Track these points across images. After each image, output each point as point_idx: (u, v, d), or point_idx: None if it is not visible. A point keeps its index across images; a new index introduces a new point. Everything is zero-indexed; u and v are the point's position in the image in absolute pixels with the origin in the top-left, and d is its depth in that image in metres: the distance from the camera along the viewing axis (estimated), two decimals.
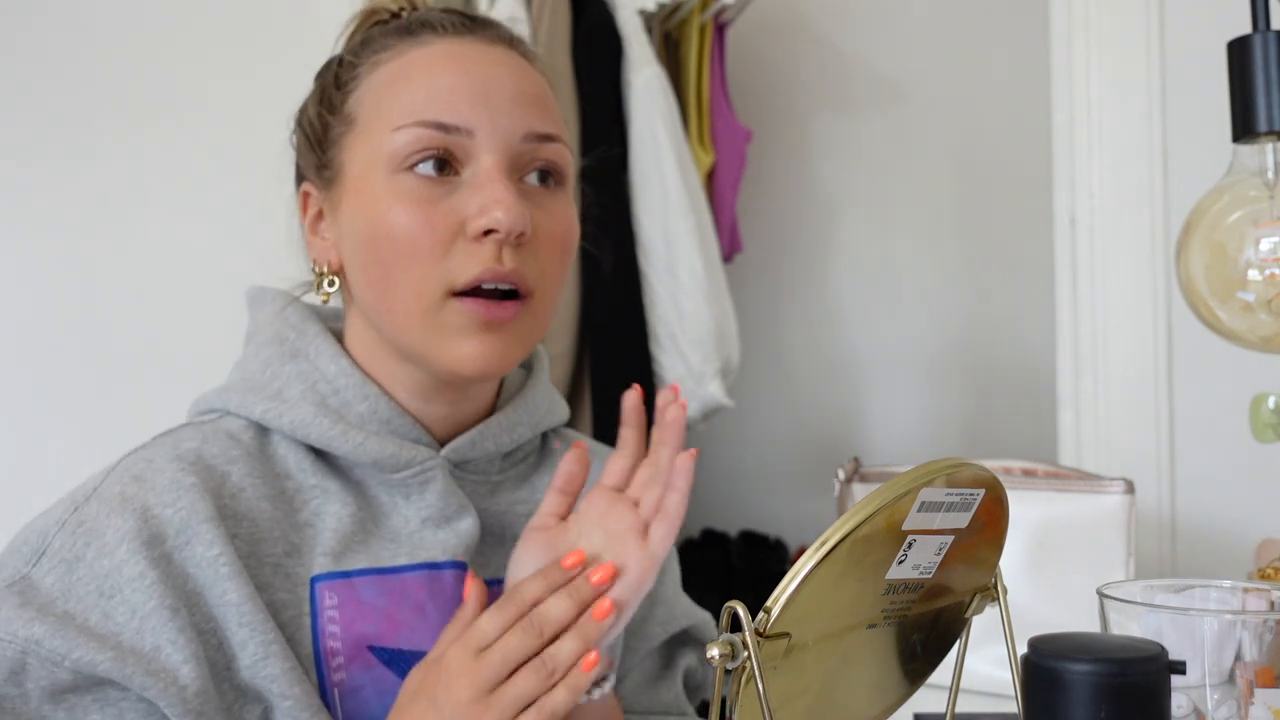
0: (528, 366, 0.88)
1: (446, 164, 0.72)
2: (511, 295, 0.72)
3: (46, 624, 0.63)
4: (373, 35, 0.78)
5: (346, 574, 0.72)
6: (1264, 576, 0.91)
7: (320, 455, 0.75)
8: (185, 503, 0.68)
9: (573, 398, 1.70)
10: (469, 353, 0.72)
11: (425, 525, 0.76)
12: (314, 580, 0.71)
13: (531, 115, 0.74)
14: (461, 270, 0.71)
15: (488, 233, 0.71)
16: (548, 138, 0.75)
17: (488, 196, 0.71)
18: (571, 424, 1.69)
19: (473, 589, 0.70)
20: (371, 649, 0.72)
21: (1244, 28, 0.77)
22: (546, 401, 0.86)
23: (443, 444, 0.78)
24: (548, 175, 0.76)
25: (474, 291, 0.71)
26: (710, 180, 1.92)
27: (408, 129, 0.71)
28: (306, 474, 0.74)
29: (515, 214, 0.70)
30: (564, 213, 0.77)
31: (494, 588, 0.77)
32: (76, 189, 1.63)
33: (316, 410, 0.74)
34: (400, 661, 0.72)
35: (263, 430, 0.75)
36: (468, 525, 0.77)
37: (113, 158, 1.64)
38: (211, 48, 1.68)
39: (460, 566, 0.75)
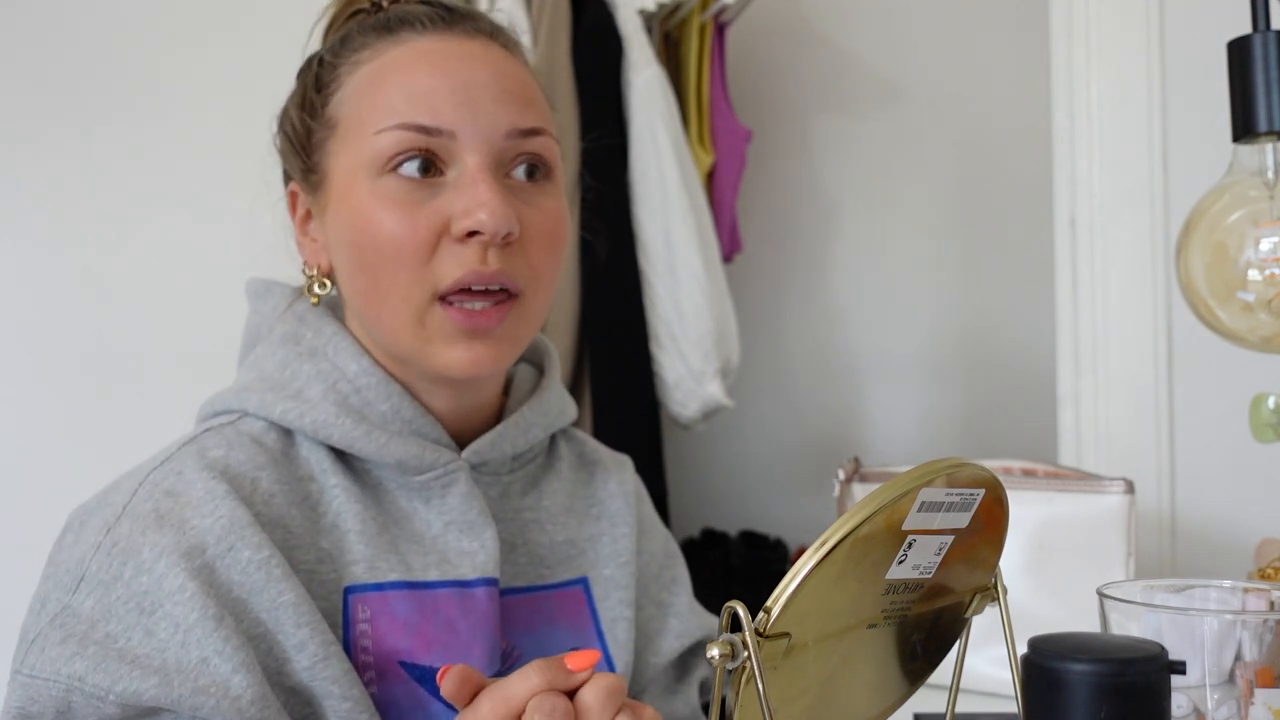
0: (539, 367, 0.88)
1: (430, 166, 0.71)
2: (500, 294, 0.72)
3: (88, 658, 0.61)
4: (351, 33, 0.76)
5: (379, 586, 0.71)
6: (1264, 576, 0.91)
7: (340, 456, 0.74)
8: (224, 510, 0.66)
9: (572, 397, 1.71)
10: (458, 358, 0.72)
11: (449, 529, 0.75)
12: (347, 591, 0.70)
13: (514, 111, 0.73)
14: (447, 272, 0.70)
15: (472, 234, 0.70)
16: (532, 132, 0.73)
17: (472, 198, 0.70)
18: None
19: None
20: (403, 664, 0.71)
21: (1244, 28, 0.77)
22: (559, 403, 0.85)
23: (455, 442, 0.77)
24: (534, 169, 0.74)
25: (461, 293, 0.71)
26: (710, 180, 1.92)
27: (389, 132, 0.71)
28: (328, 475, 0.73)
29: (500, 216, 0.69)
30: (552, 207, 0.75)
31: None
32: (76, 188, 1.64)
33: (338, 411, 0.73)
34: (431, 679, 0.71)
35: (285, 431, 0.74)
36: (491, 537, 0.75)
37: (112, 157, 1.64)
38: (211, 46, 1.68)
39: (491, 583, 0.74)
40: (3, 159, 1.61)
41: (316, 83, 0.76)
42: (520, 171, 0.74)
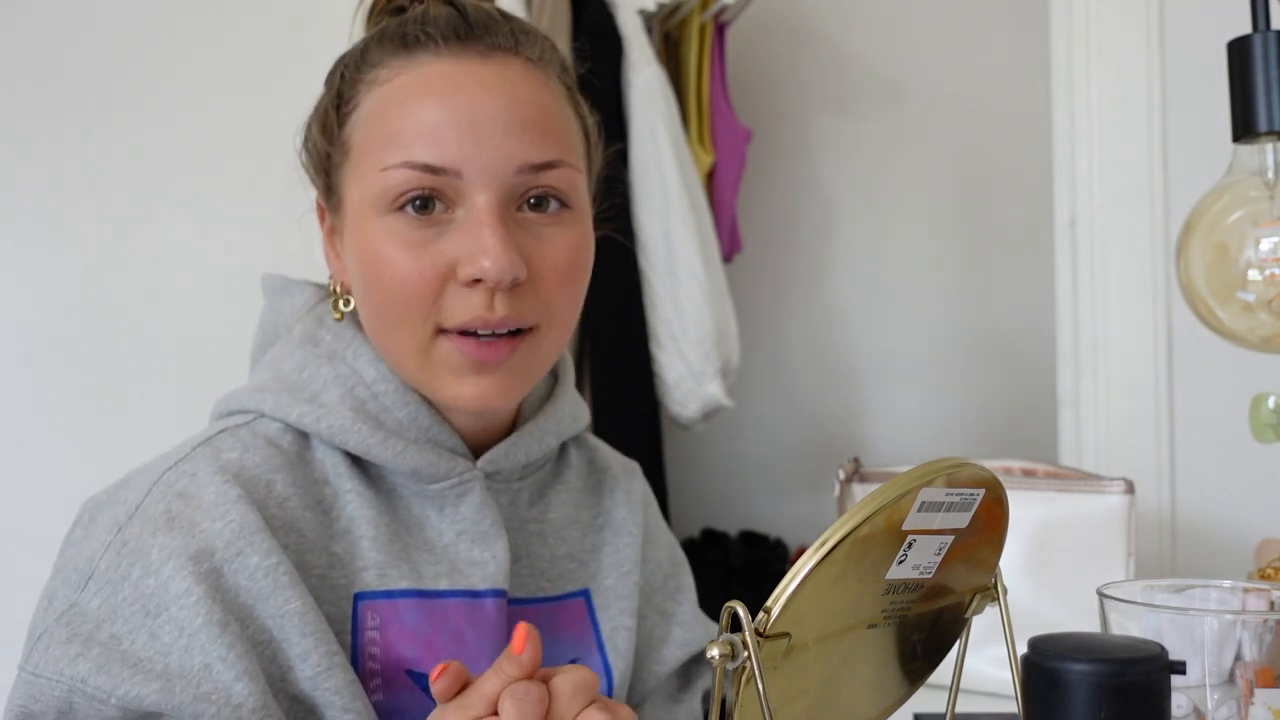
0: (554, 374, 0.87)
1: (438, 202, 0.70)
2: (509, 334, 0.71)
3: (91, 659, 0.61)
4: (371, 46, 0.74)
5: (389, 594, 0.70)
6: (1264, 576, 0.91)
7: (356, 461, 0.73)
8: (235, 515, 0.66)
9: None
10: (466, 392, 0.71)
11: (460, 539, 0.74)
12: (357, 597, 0.70)
13: (527, 144, 0.70)
14: (452, 314, 0.69)
15: (478, 280, 0.69)
16: (546, 166, 0.71)
17: (475, 244, 0.68)
18: None
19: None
20: (409, 673, 0.70)
21: (1244, 28, 0.77)
22: (572, 410, 0.84)
23: (471, 450, 0.77)
24: (546, 202, 0.72)
25: (466, 334, 0.70)
26: (710, 180, 1.92)
27: (395, 170, 0.69)
28: (343, 479, 0.72)
29: (504, 263, 0.67)
30: (568, 239, 0.73)
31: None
32: (76, 188, 1.63)
33: (355, 416, 0.72)
34: None
35: (301, 434, 0.73)
36: (502, 548, 0.75)
37: (112, 157, 1.64)
38: (213, 46, 1.68)
39: (500, 594, 0.74)
40: (3, 159, 1.61)
41: (337, 99, 0.75)
42: (534, 203, 0.72)
